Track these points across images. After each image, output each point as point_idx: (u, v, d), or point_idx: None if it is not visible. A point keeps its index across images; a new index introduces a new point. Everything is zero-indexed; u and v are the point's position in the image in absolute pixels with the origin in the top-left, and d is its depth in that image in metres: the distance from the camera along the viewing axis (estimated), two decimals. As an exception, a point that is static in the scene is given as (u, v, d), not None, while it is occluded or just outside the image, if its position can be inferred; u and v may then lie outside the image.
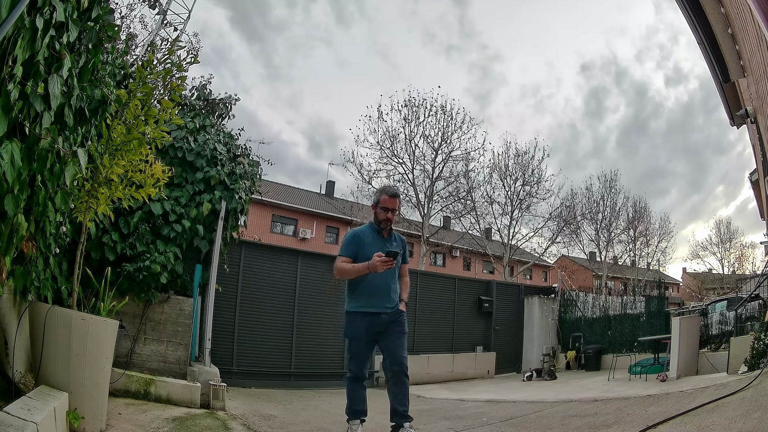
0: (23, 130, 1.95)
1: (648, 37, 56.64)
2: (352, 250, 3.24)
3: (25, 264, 2.37)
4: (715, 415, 3.39)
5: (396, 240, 3.41)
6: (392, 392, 3.17)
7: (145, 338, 4.78)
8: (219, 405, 4.39)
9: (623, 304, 11.64)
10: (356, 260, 3.19)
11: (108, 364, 2.88)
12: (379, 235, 3.31)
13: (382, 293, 3.24)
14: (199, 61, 3.39)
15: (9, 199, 1.83)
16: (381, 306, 3.22)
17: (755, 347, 5.45)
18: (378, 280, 3.19)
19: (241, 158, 5.80)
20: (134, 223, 4.72)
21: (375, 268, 3.00)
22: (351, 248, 3.25)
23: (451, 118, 18.14)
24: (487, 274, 27.85)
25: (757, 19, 3.14)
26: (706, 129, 53.95)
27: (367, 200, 18.73)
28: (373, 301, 3.21)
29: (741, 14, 4.20)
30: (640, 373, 7.62)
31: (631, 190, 43.12)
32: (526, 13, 64.94)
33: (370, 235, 3.30)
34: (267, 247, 8.70)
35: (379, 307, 3.21)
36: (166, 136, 3.16)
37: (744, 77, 5.27)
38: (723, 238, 32.87)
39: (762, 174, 7.23)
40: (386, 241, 3.31)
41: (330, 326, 8.25)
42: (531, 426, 3.92)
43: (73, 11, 2.26)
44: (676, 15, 53.89)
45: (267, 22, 57.51)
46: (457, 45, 54.43)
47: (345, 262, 3.20)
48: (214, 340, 5.53)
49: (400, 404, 3.14)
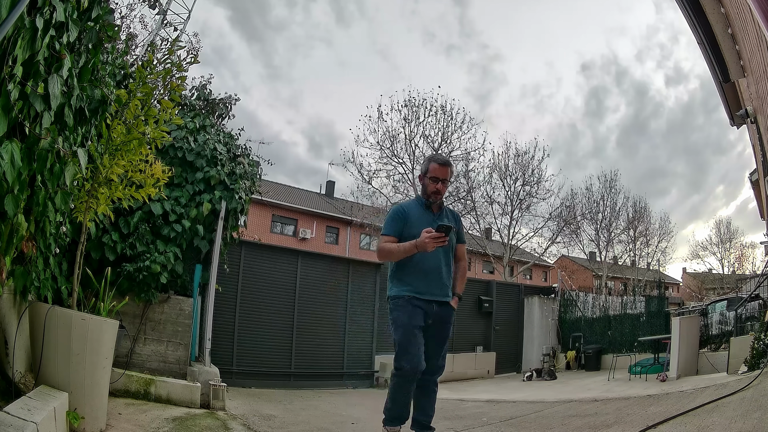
0: (23, 130, 1.95)
1: (648, 37, 56.67)
2: (396, 228, 2.78)
3: (25, 264, 2.37)
4: (715, 415, 3.39)
5: (448, 216, 2.95)
6: (418, 400, 2.81)
7: (145, 338, 4.78)
8: (219, 405, 4.39)
9: (623, 304, 11.65)
10: (402, 240, 2.74)
11: (108, 364, 2.88)
12: (427, 211, 2.86)
13: (433, 277, 2.75)
14: (199, 61, 3.39)
15: (9, 199, 1.83)
16: (432, 293, 2.74)
17: (755, 347, 5.45)
18: (427, 262, 2.72)
19: (241, 158, 5.81)
20: (134, 223, 4.72)
21: (424, 247, 2.53)
22: (396, 225, 2.78)
23: (451, 118, 18.14)
24: (487, 274, 27.85)
25: (757, 19, 3.14)
26: (707, 129, 53.99)
27: (367, 200, 18.74)
28: (423, 286, 2.73)
29: (741, 14, 4.20)
30: (640, 373, 7.62)
31: (631, 190, 43.08)
32: (527, 12, 64.99)
33: (417, 211, 2.84)
34: (267, 247, 8.70)
35: (430, 293, 2.73)
36: (166, 136, 3.16)
37: (744, 77, 5.27)
38: (723, 238, 32.89)
39: (762, 174, 7.23)
40: (436, 217, 2.85)
41: (330, 326, 8.26)
42: (531, 426, 3.92)
43: (73, 11, 2.26)
44: (676, 15, 53.93)
45: (267, 22, 57.56)
46: (457, 45, 54.48)
47: (389, 242, 2.75)
48: (214, 340, 5.54)
49: (424, 414, 2.82)
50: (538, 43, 63.43)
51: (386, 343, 9.02)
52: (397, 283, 2.80)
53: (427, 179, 2.83)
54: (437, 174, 2.80)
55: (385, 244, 2.76)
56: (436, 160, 2.86)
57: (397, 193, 18.51)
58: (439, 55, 54.46)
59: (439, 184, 2.80)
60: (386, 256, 2.77)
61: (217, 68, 59.22)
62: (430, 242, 2.51)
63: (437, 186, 2.80)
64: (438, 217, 2.84)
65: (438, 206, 2.89)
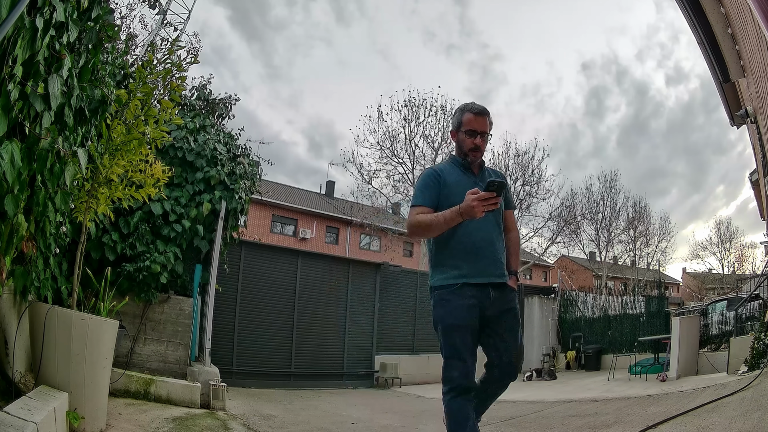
0: (23, 130, 1.95)
1: (649, 36, 56.60)
2: (431, 195, 2.19)
3: (25, 264, 2.37)
4: (715, 415, 3.39)
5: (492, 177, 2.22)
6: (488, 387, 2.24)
7: (145, 338, 4.78)
8: (219, 405, 4.39)
9: (623, 304, 11.66)
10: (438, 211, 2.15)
11: (108, 364, 2.88)
12: (467, 172, 2.27)
13: (486, 253, 2.15)
14: (199, 62, 3.39)
15: (9, 199, 1.83)
16: (486, 274, 2.14)
17: (755, 347, 5.45)
18: (476, 234, 2.14)
19: (241, 158, 5.81)
20: (134, 223, 4.72)
21: (471, 212, 1.94)
22: (431, 192, 2.19)
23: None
24: (487, 274, 27.77)
25: (757, 19, 3.14)
26: (707, 128, 53.91)
27: (367, 200, 18.75)
28: (474, 266, 2.13)
29: (741, 14, 4.20)
30: (640, 373, 7.62)
31: (631, 190, 43.03)
32: (527, 12, 64.99)
33: (455, 173, 2.26)
34: (267, 247, 8.71)
35: (484, 275, 2.13)
36: (166, 136, 3.16)
37: (744, 77, 5.27)
38: (723, 238, 32.86)
39: (762, 174, 7.23)
40: (478, 179, 2.24)
41: (330, 326, 8.27)
42: (531, 426, 3.92)
43: (73, 11, 2.26)
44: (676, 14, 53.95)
45: (266, 22, 57.51)
46: (457, 44, 54.42)
47: (423, 214, 2.14)
48: (214, 340, 5.54)
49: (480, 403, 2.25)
50: (538, 42, 63.44)
51: (386, 343, 9.03)
52: (440, 269, 2.21)
53: (462, 134, 2.27)
54: (474, 126, 2.24)
55: (419, 216, 2.14)
56: (471, 109, 2.27)
57: (397, 193, 18.53)
58: (440, 55, 54.47)
59: (477, 139, 2.23)
60: (421, 231, 2.17)
61: (216, 68, 59.30)
62: (479, 205, 1.93)
63: (475, 141, 2.23)
64: (480, 179, 2.24)
65: (479, 166, 2.32)
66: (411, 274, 10.31)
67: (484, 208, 1.95)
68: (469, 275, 2.12)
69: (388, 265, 9.48)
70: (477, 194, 1.94)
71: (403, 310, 9.52)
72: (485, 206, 1.95)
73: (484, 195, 1.93)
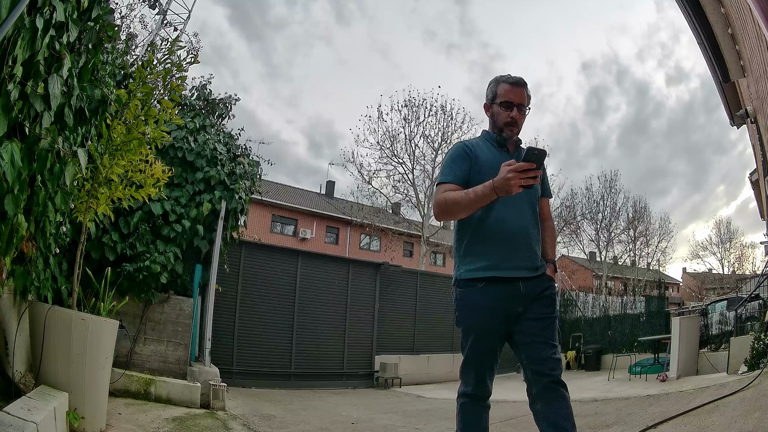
0: (23, 130, 1.95)
1: (649, 36, 56.61)
2: (462, 171, 1.94)
3: (25, 264, 2.37)
4: (715, 415, 3.39)
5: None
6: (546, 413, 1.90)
7: (145, 338, 4.78)
8: (219, 405, 4.39)
9: (623, 304, 11.69)
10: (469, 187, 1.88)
11: (108, 364, 2.88)
12: (501, 150, 2.02)
13: (519, 242, 1.91)
14: (200, 62, 3.39)
15: (9, 199, 1.83)
16: (517, 265, 1.89)
17: (755, 347, 5.45)
18: (510, 220, 1.90)
19: (241, 158, 5.81)
20: (134, 223, 4.72)
21: (506, 186, 1.68)
22: (461, 168, 1.94)
23: (451, 117, 18.15)
24: (487, 274, 27.78)
25: (757, 19, 3.14)
26: (707, 128, 53.89)
27: (367, 200, 18.76)
28: (506, 256, 1.89)
29: (741, 14, 4.20)
30: (640, 373, 7.62)
31: (631, 190, 43.08)
32: (527, 11, 65.05)
33: (488, 150, 2.01)
34: (267, 247, 8.72)
35: (515, 267, 1.89)
36: (166, 136, 3.16)
37: (744, 77, 5.27)
38: (723, 238, 32.88)
39: (762, 174, 7.23)
40: (514, 158, 1.89)
41: (330, 326, 8.27)
42: (531, 426, 3.91)
43: (73, 11, 2.26)
44: (677, 13, 53.92)
45: (266, 21, 57.48)
46: (457, 43, 54.43)
47: (452, 191, 1.88)
48: (214, 340, 5.54)
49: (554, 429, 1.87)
50: (538, 41, 63.50)
51: (386, 343, 9.03)
52: (467, 259, 1.95)
53: (497, 107, 2.02)
54: (510, 97, 2.00)
55: (447, 194, 1.88)
56: (507, 79, 2.04)
57: (397, 193, 18.54)
58: (440, 54, 54.47)
59: (513, 111, 1.99)
60: (449, 210, 1.89)
61: (216, 67, 59.23)
62: (515, 177, 1.66)
63: (511, 114, 1.99)
64: (517, 158, 1.92)
65: (515, 144, 2.06)
66: (411, 274, 10.31)
67: (522, 182, 1.67)
68: (499, 267, 1.88)
69: (388, 265, 9.48)
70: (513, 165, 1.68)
71: (403, 310, 9.51)
72: (523, 178, 1.67)
73: (522, 165, 1.66)
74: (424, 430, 4.08)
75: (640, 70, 56.25)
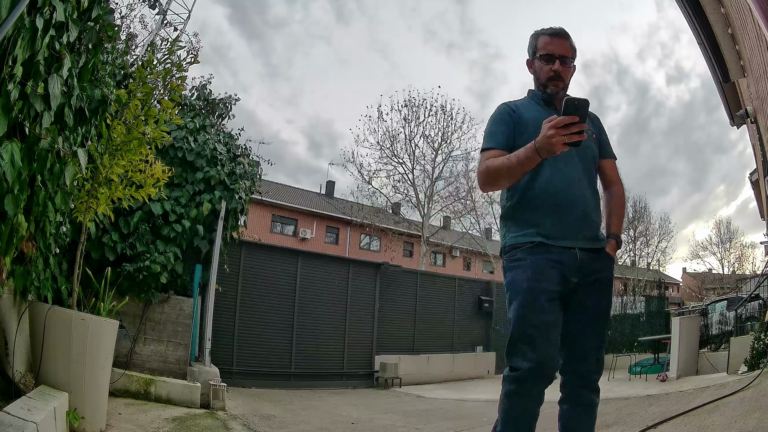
0: (23, 130, 1.95)
1: (649, 35, 56.59)
2: (505, 135, 1.75)
3: (25, 264, 2.37)
4: (715, 415, 3.39)
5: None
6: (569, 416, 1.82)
7: (145, 338, 4.78)
8: (219, 405, 4.39)
9: (623, 304, 11.66)
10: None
11: (108, 364, 2.88)
12: (548, 108, 1.80)
13: (574, 208, 1.68)
14: (200, 62, 3.39)
15: (9, 199, 1.83)
16: (573, 234, 1.67)
17: (755, 347, 5.45)
18: (560, 182, 1.68)
19: (241, 158, 5.81)
20: (134, 223, 4.72)
21: (548, 145, 1.47)
22: (504, 132, 1.76)
23: (451, 118, 18.20)
24: (487, 274, 27.82)
25: (757, 19, 3.14)
26: (708, 128, 53.93)
27: (367, 200, 18.77)
28: (558, 224, 1.66)
29: (741, 14, 4.20)
30: (640, 373, 7.62)
31: (631, 190, 42.87)
32: (527, 11, 64.95)
33: (533, 109, 1.81)
34: (267, 247, 8.72)
35: (570, 236, 1.66)
36: (166, 136, 3.16)
37: (744, 77, 5.27)
38: (723, 238, 32.90)
39: (762, 174, 7.23)
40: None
41: (330, 326, 8.27)
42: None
43: (73, 11, 2.26)
44: (677, 13, 53.88)
45: (266, 20, 57.45)
46: (457, 43, 54.38)
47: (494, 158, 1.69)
48: (214, 340, 5.54)
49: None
50: (538, 42, 63.24)
51: (386, 343, 9.04)
52: (515, 225, 1.75)
53: (538, 61, 1.82)
54: (551, 49, 1.79)
55: (489, 161, 1.69)
56: (546, 31, 1.83)
57: (397, 193, 18.54)
58: (440, 54, 54.40)
59: (556, 64, 1.78)
60: (492, 179, 1.71)
61: (216, 66, 59.17)
62: (557, 134, 1.45)
63: (554, 67, 1.78)
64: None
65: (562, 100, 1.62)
66: (411, 274, 10.31)
67: (566, 138, 1.45)
68: (552, 235, 1.65)
69: (388, 265, 9.48)
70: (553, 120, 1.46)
71: (403, 310, 9.52)
72: (567, 134, 1.45)
73: (564, 119, 1.44)
74: (424, 430, 4.08)
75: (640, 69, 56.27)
